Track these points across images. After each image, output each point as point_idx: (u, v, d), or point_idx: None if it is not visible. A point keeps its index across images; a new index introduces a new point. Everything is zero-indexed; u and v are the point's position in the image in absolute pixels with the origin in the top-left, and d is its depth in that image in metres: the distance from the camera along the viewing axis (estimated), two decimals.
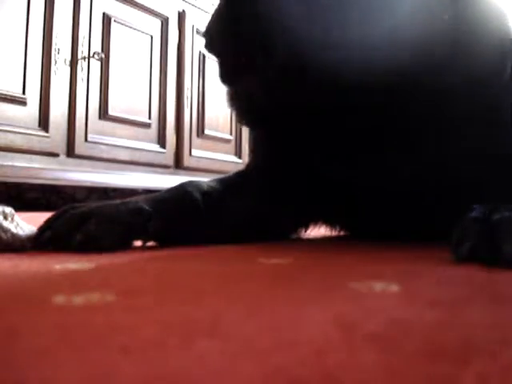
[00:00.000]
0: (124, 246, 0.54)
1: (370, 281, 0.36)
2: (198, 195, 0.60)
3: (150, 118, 2.13)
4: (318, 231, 0.75)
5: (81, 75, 1.84)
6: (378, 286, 0.34)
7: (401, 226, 0.65)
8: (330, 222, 0.73)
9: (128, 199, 0.58)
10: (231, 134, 2.55)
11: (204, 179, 0.67)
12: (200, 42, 2.38)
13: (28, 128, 1.68)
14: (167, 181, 2.17)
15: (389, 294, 0.32)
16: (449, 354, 0.19)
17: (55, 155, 1.77)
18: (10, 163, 1.62)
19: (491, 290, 0.34)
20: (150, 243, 0.58)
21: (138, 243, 0.57)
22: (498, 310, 0.28)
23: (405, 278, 0.39)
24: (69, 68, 1.81)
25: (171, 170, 2.22)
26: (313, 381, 0.17)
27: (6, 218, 0.53)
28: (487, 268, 0.41)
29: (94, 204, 0.56)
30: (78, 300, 0.29)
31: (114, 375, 0.17)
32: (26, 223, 0.55)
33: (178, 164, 2.25)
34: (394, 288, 0.34)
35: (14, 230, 0.52)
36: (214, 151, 2.43)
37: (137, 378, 0.17)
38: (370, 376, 0.17)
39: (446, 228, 0.46)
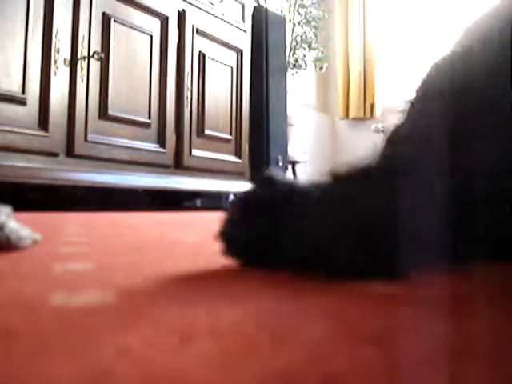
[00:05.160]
0: None
1: (370, 281, 0.36)
2: None
3: (149, 117, 2.13)
4: None
5: (80, 75, 1.84)
6: (378, 286, 0.34)
7: None
8: None
9: None
10: (231, 134, 2.55)
11: (204, 179, 0.67)
12: (200, 42, 2.38)
13: (27, 128, 1.68)
14: (167, 181, 2.18)
15: (389, 294, 0.32)
16: (449, 355, 0.19)
17: (55, 155, 1.77)
18: (9, 163, 1.62)
19: (490, 290, 0.34)
20: None
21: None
22: (497, 310, 0.28)
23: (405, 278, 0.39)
24: (68, 68, 1.81)
25: (171, 169, 2.22)
26: (313, 381, 0.16)
27: (9, 218, 0.53)
28: (485, 269, 0.41)
29: None
30: (78, 300, 0.29)
31: (113, 375, 0.17)
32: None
33: (178, 164, 2.25)
34: (394, 288, 0.34)
35: (19, 231, 0.52)
36: (213, 151, 2.43)
37: (136, 378, 0.17)
38: (370, 376, 0.17)
39: None
